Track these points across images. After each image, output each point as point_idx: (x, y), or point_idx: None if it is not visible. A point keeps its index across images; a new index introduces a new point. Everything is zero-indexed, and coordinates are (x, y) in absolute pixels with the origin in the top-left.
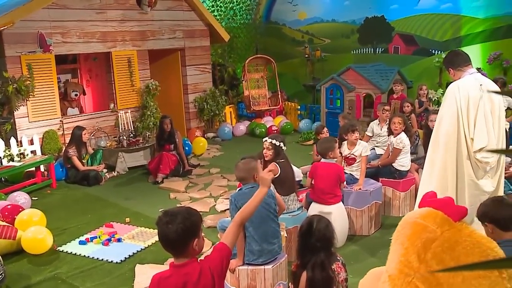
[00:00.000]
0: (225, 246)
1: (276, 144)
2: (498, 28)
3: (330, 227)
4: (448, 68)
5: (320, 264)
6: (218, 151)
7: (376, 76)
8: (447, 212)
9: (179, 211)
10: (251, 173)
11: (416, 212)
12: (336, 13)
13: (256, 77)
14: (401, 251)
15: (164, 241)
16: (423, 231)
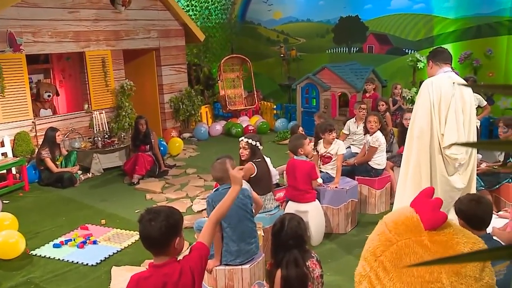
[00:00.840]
0: (203, 245)
1: (252, 143)
2: (468, 28)
3: (302, 224)
4: (429, 60)
5: (294, 261)
6: (194, 151)
7: (351, 75)
8: (421, 217)
9: (161, 209)
10: (228, 173)
11: (392, 214)
12: (311, 13)
13: (232, 76)
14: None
15: (146, 239)
16: (380, 236)
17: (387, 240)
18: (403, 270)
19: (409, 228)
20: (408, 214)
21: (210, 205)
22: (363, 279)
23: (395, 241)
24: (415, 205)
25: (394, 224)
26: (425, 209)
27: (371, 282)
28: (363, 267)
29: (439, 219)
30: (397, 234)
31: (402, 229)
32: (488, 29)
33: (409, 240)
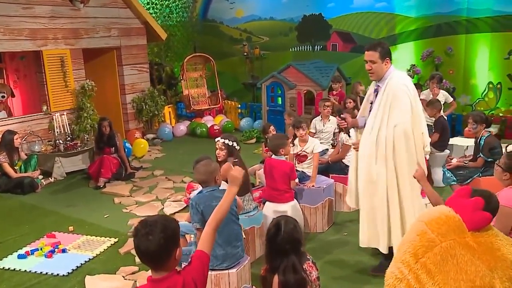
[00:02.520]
0: (203, 253)
1: (229, 144)
2: (429, 26)
3: (298, 227)
4: (386, 58)
5: (292, 266)
6: (160, 152)
7: (316, 73)
8: (464, 218)
9: (157, 220)
10: (213, 175)
11: (430, 212)
12: (274, 11)
13: (195, 76)
14: (399, 253)
15: (144, 255)
16: (421, 237)
17: (429, 241)
18: (450, 274)
19: (452, 229)
20: (448, 214)
21: (194, 208)
22: (398, 282)
23: (439, 242)
24: (453, 205)
25: (436, 224)
26: (466, 209)
27: (409, 285)
28: (399, 269)
29: (484, 220)
30: (440, 234)
31: (444, 229)
32: (448, 28)
33: (453, 241)
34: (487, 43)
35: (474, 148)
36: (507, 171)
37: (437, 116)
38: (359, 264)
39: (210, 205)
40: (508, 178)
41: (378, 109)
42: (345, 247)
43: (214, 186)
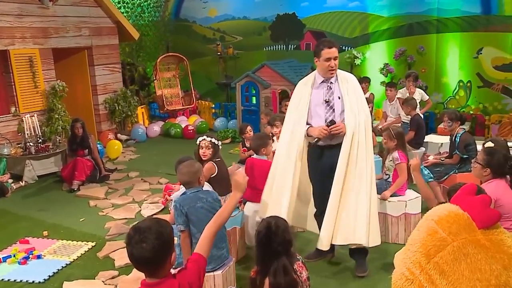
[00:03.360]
0: (200, 257)
1: (215, 142)
2: (401, 26)
3: (289, 227)
4: None
5: (283, 268)
6: (134, 153)
7: (291, 72)
8: (473, 215)
9: (150, 225)
10: (196, 176)
11: (438, 211)
12: (248, 10)
13: (168, 76)
14: (408, 253)
15: (139, 262)
16: (432, 237)
17: (441, 240)
18: (464, 273)
19: (462, 227)
20: (457, 212)
21: (178, 210)
22: (409, 283)
23: (451, 241)
24: (460, 202)
25: (446, 222)
26: (475, 207)
27: (421, 286)
28: (409, 270)
29: (494, 217)
30: (452, 233)
31: (455, 228)
32: (419, 28)
33: (465, 240)
34: (457, 43)
35: (449, 145)
36: (487, 167)
37: (412, 114)
38: (344, 262)
39: (194, 206)
40: (489, 173)
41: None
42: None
43: (198, 187)
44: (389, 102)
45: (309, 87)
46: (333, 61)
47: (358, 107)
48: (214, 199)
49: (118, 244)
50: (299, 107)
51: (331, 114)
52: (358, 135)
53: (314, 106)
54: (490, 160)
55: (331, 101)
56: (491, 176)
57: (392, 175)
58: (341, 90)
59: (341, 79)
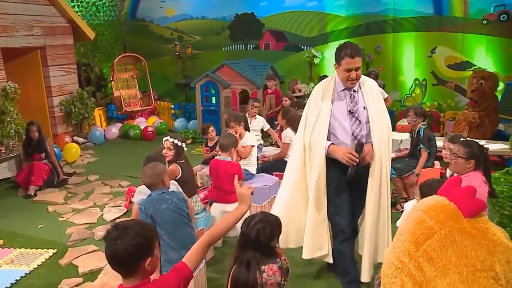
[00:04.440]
0: (185, 266)
1: (177, 144)
2: (359, 25)
3: (268, 229)
4: None
5: (247, 262)
6: (92, 156)
7: (251, 72)
8: (459, 205)
9: (131, 224)
10: (160, 178)
11: (425, 202)
12: (206, 10)
13: (126, 76)
14: (397, 242)
15: (112, 259)
16: (420, 225)
17: (428, 228)
18: (451, 260)
19: (449, 216)
20: (444, 202)
21: (144, 213)
22: (399, 272)
23: (438, 229)
24: (446, 193)
25: (433, 212)
26: (461, 197)
27: (410, 274)
28: (398, 259)
29: (480, 207)
30: (439, 222)
31: (442, 217)
32: (376, 27)
33: (452, 228)
34: (412, 42)
35: (410, 141)
36: (471, 158)
37: None
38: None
39: (159, 208)
40: (473, 165)
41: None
42: None
43: (162, 189)
44: None
45: (329, 95)
46: (355, 72)
47: (381, 119)
48: (179, 199)
49: (80, 250)
50: (318, 118)
51: (358, 126)
52: (385, 154)
53: (337, 117)
54: (471, 151)
55: (355, 112)
56: (473, 168)
57: None
58: (365, 99)
59: (365, 85)
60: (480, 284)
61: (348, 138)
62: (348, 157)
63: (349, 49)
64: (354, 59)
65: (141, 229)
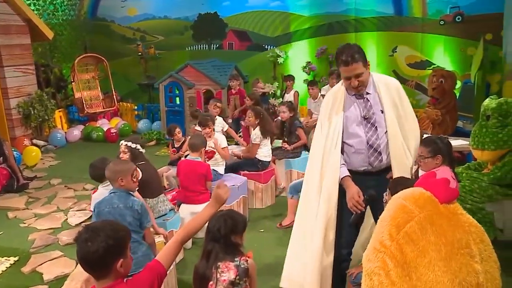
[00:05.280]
0: (159, 264)
1: (132, 146)
2: (322, 25)
3: (229, 223)
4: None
5: (207, 253)
6: (54, 159)
7: (215, 72)
8: (435, 193)
9: (102, 226)
10: (116, 175)
11: (404, 192)
12: (168, 10)
13: (87, 77)
14: (379, 229)
15: (83, 262)
16: (401, 210)
17: (408, 212)
18: (430, 240)
19: (427, 202)
20: (421, 191)
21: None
22: (381, 255)
23: (418, 213)
24: (423, 184)
25: (413, 198)
26: (437, 186)
27: (392, 256)
28: (381, 243)
29: (454, 193)
30: (418, 206)
31: (421, 202)
32: (339, 27)
33: (430, 212)
34: (374, 41)
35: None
36: (438, 154)
37: None
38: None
39: (103, 210)
40: (441, 160)
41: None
42: (264, 243)
43: (116, 189)
44: (313, 100)
45: (340, 102)
46: (354, 79)
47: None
48: (125, 206)
49: (45, 256)
50: (330, 129)
51: (374, 133)
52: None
53: (351, 124)
54: (434, 148)
55: (371, 117)
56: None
57: None
58: (383, 101)
59: (380, 86)
60: (457, 260)
61: (364, 147)
62: (354, 204)
63: (344, 55)
64: (350, 66)
65: (112, 230)
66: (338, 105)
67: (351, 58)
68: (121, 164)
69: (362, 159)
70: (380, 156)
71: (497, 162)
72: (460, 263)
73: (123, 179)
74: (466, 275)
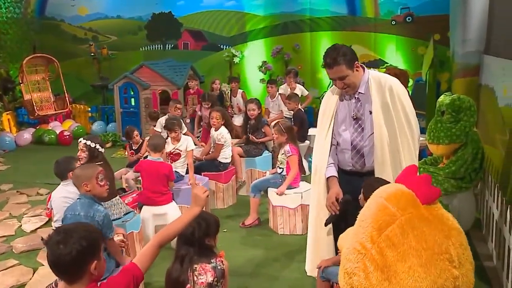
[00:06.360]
0: (135, 267)
1: (90, 145)
2: (277, 25)
3: (203, 225)
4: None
5: (181, 258)
6: (3, 164)
7: (170, 72)
8: (417, 193)
9: (74, 227)
10: (79, 180)
11: (386, 189)
12: (121, 9)
13: (37, 78)
14: (360, 229)
15: (54, 265)
16: (383, 212)
17: (390, 215)
18: (411, 244)
19: (409, 203)
20: (403, 189)
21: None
22: (361, 256)
23: (399, 216)
24: (404, 181)
25: (394, 199)
26: (419, 185)
27: (373, 259)
28: (361, 244)
29: (435, 194)
30: (400, 208)
31: (403, 203)
32: (294, 26)
33: (411, 215)
34: (329, 40)
35: None
36: None
37: (295, 109)
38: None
39: (66, 216)
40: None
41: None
42: (228, 243)
43: (81, 195)
44: (271, 99)
45: (334, 99)
46: (339, 82)
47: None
48: (86, 215)
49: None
50: (321, 124)
51: (359, 134)
52: None
53: (341, 123)
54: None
55: (360, 117)
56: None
57: (286, 168)
58: (372, 101)
59: (373, 85)
60: (437, 266)
61: (348, 147)
62: (329, 204)
63: (328, 57)
64: (332, 69)
65: (85, 231)
66: (331, 102)
67: (333, 61)
68: (84, 169)
69: (346, 159)
70: (362, 158)
71: (451, 157)
72: (439, 269)
73: (87, 184)
74: (444, 280)
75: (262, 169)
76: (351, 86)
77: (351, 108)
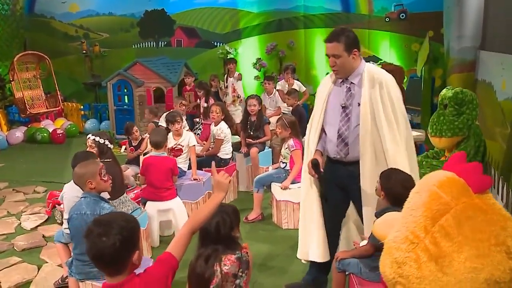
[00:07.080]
0: (171, 256)
1: (100, 142)
2: (271, 22)
3: (228, 221)
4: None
5: (207, 256)
6: None
7: (164, 69)
8: (468, 181)
9: (113, 218)
10: (83, 179)
11: (437, 177)
12: (113, 6)
13: (28, 76)
14: (411, 217)
15: (98, 258)
16: (436, 201)
17: (445, 204)
18: (467, 235)
19: (461, 192)
20: (455, 178)
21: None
22: (413, 246)
23: (454, 205)
24: (453, 169)
25: (447, 187)
26: (470, 173)
27: (426, 249)
28: (413, 233)
29: (488, 182)
30: (454, 198)
31: (456, 192)
32: (288, 23)
33: (465, 204)
34: (323, 37)
35: None
36: None
37: (294, 105)
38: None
39: (72, 216)
40: None
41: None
42: None
43: (86, 193)
44: (268, 95)
45: (327, 86)
46: (332, 58)
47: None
48: (93, 214)
49: (1, 263)
50: (314, 110)
51: (345, 123)
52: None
53: (330, 110)
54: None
55: (347, 107)
56: None
57: (289, 162)
58: (362, 93)
59: (366, 77)
60: (494, 258)
61: (335, 135)
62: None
63: (332, 33)
64: (329, 43)
65: (124, 221)
66: (324, 89)
67: (334, 37)
68: (85, 166)
69: (332, 147)
70: (346, 147)
71: (453, 150)
72: (497, 261)
73: (91, 182)
74: (501, 272)
75: (262, 165)
76: (341, 70)
77: (342, 97)
